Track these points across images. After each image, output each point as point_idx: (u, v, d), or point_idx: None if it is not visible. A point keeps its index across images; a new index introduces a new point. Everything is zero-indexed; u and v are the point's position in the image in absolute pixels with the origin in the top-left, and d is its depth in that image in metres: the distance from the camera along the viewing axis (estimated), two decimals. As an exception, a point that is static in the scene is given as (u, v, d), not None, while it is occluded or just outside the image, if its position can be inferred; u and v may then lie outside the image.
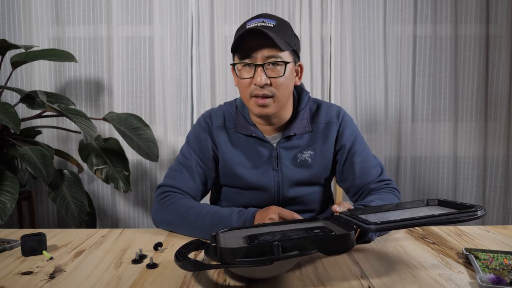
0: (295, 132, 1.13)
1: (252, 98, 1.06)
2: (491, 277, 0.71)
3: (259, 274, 0.75)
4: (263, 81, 1.02)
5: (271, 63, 1.03)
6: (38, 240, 0.91)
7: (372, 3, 2.16)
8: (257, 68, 1.03)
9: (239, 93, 1.12)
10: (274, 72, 1.04)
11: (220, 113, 1.20)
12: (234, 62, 1.09)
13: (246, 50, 1.03)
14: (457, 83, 2.21)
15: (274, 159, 1.14)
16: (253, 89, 1.05)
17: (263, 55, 1.02)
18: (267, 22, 1.04)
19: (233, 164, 1.15)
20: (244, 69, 1.06)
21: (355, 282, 0.75)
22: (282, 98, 1.07)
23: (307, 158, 1.14)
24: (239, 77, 1.07)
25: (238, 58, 1.06)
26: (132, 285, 0.75)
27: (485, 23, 2.17)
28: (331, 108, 1.19)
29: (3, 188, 1.58)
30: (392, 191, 1.13)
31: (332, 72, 2.18)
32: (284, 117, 1.14)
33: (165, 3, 2.12)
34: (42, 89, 2.09)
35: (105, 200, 2.23)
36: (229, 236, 0.82)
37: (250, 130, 1.14)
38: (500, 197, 2.24)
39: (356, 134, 1.19)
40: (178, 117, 2.19)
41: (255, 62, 1.03)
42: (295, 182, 1.15)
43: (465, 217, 0.72)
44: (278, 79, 1.04)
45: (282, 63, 1.04)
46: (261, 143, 1.14)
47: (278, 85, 1.05)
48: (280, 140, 1.14)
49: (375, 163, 1.18)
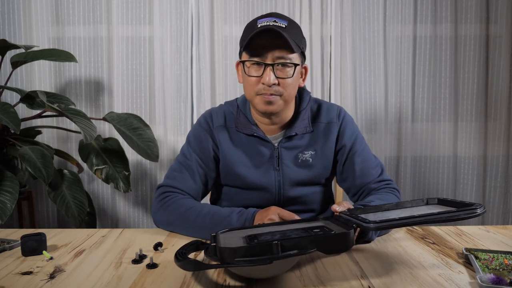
0: (296, 132, 1.13)
1: (258, 95, 1.06)
2: (491, 277, 0.71)
3: (258, 274, 0.75)
4: (272, 81, 1.02)
5: (281, 64, 1.03)
6: (38, 240, 0.91)
7: (372, 3, 2.16)
8: (267, 67, 1.03)
9: (243, 89, 1.12)
10: (283, 73, 1.04)
11: (221, 112, 1.20)
12: (242, 59, 1.07)
13: (257, 49, 1.03)
14: (457, 83, 2.21)
15: (275, 159, 1.14)
16: (261, 88, 1.05)
17: (273, 55, 1.02)
18: (279, 22, 1.03)
19: (234, 164, 1.15)
20: (252, 67, 1.05)
21: (355, 282, 0.75)
22: (289, 98, 1.07)
23: (308, 158, 1.14)
24: (247, 74, 1.06)
25: (248, 55, 1.05)
26: (132, 285, 0.75)
27: (485, 23, 2.17)
28: (332, 108, 1.19)
29: (3, 188, 1.58)
30: (392, 191, 1.13)
31: (332, 72, 2.18)
32: (285, 117, 1.14)
33: (165, 3, 2.12)
34: (42, 89, 2.09)
35: (105, 200, 2.23)
36: (228, 236, 0.82)
37: (252, 130, 1.14)
38: (500, 197, 2.24)
39: (357, 134, 1.19)
40: (178, 117, 2.19)
41: (265, 61, 1.03)
42: (296, 182, 1.14)
43: (465, 215, 0.72)
44: (286, 80, 1.04)
45: (292, 65, 1.04)
46: (262, 143, 1.14)
47: (286, 85, 1.05)
48: (282, 140, 1.14)
49: (375, 163, 1.18)
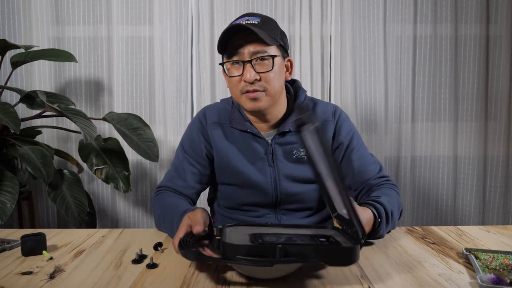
0: (289, 128, 1.13)
1: (243, 94, 1.07)
2: (491, 277, 0.71)
3: (259, 274, 0.75)
4: (253, 76, 1.03)
5: (259, 58, 1.04)
6: (38, 240, 0.92)
7: (372, 3, 2.16)
8: (246, 64, 1.04)
9: (230, 93, 1.13)
10: (263, 67, 1.04)
11: (215, 109, 1.21)
12: (222, 62, 1.09)
13: (233, 48, 1.04)
14: (457, 83, 2.21)
15: (270, 155, 1.14)
16: (244, 86, 1.05)
17: (249, 51, 1.03)
18: (252, 20, 1.05)
19: (229, 159, 1.15)
20: (233, 67, 1.07)
21: (355, 282, 0.75)
22: (274, 92, 1.07)
23: (303, 156, 1.14)
24: (229, 75, 1.08)
25: (226, 57, 1.08)
26: (132, 285, 0.75)
27: (485, 23, 2.17)
28: (328, 107, 1.19)
29: (3, 188, 1.58)
30: (393, 187, 1.13)
31: (332, 72, 2.18)
32: (277, 114, 1.14)
33: (165, 3, 2.12)
34: (42, 89, 2.09)
35: (105, 200, 2.23)
36: (235, 231, 0.82)
37: (245, 126, 1.14)
38: (500, 197, 2.24)
39: (353, 132, 1.19)
40: (178, 117, 2.19)
41: (243, 59, 1.04)
42: (291, 178, 1.14)
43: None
44: (267, 74, 1.04)
45: (269, 57, 1.04)
46: (256, 139, 1.14)
47: (268, 79, 1.05)
48: (275, 136, 1.14)
49: (373, 160, 1.18)
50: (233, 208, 1.21)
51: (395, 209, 1.02)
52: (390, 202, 1.01)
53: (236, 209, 1.20)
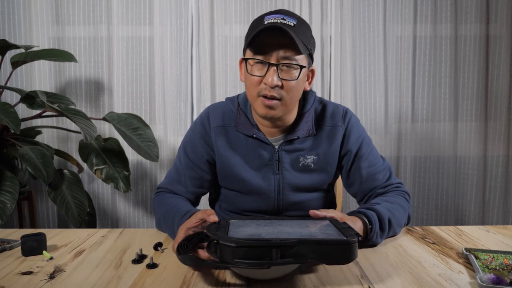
0: (298, 135, 1.08)
1: (259, 97, 1.00)
2: (491, 277, 0.71)
3: (257, 275, 0.76)
4: (275, 82, 0.96)
5: (286, 65, 0.97)
6: (38, 240, 0.91)
7: (372, 3, 2.16)
8: (271, 67, 0.96)
9: (244, 88, 1.06)
10: (288, 74, 0.98)
11: (219, 110, 1.14)
12: (246, 57, 1.01)
13: (262, 47, 0.96)
14: (457, 83, 2.21)
15: (275, 163, 1.09)
16: (262, 89, 0.98)
17: (278, 55, 0.96)
18: (288, 20, 0.96)
19: (232, 166, 1.11)
20: (256, 65, 0.99)
21: (355, 282, 0.75)
22: (290, 102, 1.01)
23: (309, 163, 1.10)
24: (250, 73, 1.00)
25: (252, 53, 0.99)
26: (132, 285, 0.75)
27: (485, 23, 2.17)
28: (337, 110, 1.13)
29: (3, 188, 1.58)
30: (401, 193, 1.09)
31: (332, 72, 2.18)
32: (288, 120, 1.08)
33: (165, 3, 2.12)
34: (42, 89, 2.09)
35: (105, 200, 2.23)
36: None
37: (252, 131, 1.09)
38: (500, 197, 2.24)
39: (363, 138, 1.13)
40: (178, 117, 2.19)
41: (269, 60, 0.96)
42: (296, 187, 1.11)
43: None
44: (290, 82, 0.98)
45: (298, 67, 0.97)
46: (262, 145, 1.09)
47: (289, 88, 0.98)
48: (282, 142, 1.09)
49: (383, 166, 1.13)
50: (235, 212, 1.18)
51: (394, 216, 0.99)
52: (389, 209, 0.99)
53: (237, 213, 1.18)
